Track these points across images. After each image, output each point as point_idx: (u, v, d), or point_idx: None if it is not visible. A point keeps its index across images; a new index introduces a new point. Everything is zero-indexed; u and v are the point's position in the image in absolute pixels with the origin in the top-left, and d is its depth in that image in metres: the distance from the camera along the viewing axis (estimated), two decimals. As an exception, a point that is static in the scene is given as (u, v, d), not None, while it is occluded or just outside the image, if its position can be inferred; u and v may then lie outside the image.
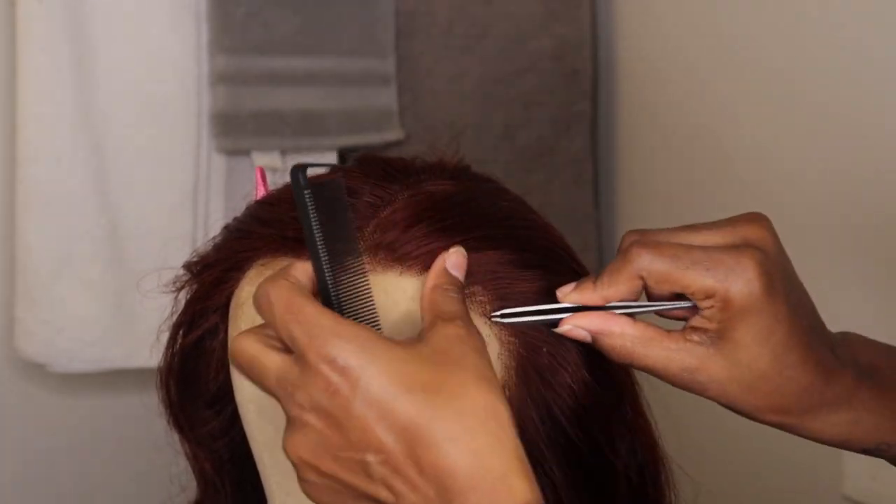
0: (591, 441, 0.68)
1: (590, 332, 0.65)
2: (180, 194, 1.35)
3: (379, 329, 0.62)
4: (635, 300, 0.66)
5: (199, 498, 0.81)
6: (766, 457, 1.29)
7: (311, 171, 0.62)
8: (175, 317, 0.74)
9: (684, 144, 1.38)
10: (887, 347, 0.71)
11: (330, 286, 0.61)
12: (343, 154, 1.39)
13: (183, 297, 0.74)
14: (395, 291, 0.65)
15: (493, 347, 0.66)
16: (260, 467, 0.71)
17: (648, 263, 0.64)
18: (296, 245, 0.67)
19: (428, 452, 0.55)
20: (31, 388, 1.38)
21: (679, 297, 0.65)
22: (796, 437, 0.69)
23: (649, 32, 1.44)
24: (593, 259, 1.49)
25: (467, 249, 0.66)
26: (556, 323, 0.66)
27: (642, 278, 0.64)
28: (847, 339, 0.70)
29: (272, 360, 0.59)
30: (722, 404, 0.66)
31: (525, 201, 0.75)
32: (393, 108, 1.39)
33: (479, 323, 0.66)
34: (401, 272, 0.66)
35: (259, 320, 0.61)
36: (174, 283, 0.74)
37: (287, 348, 0.59)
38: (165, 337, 0.75)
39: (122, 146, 1.32)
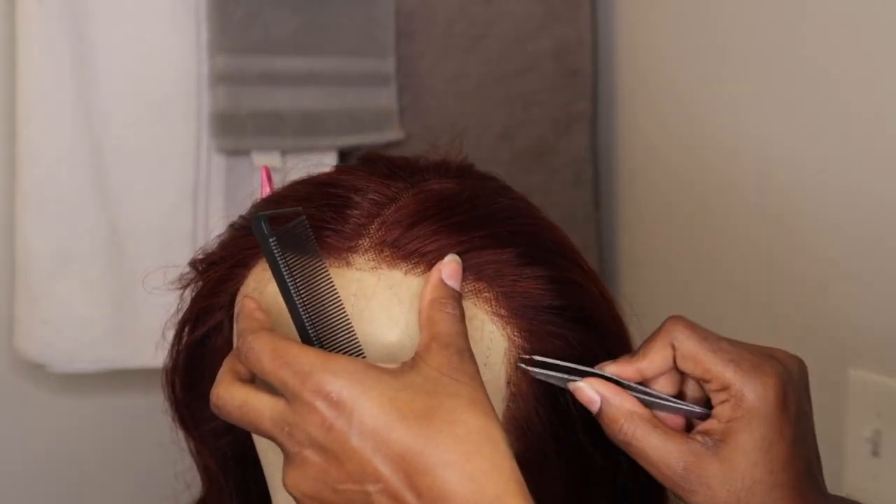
0: (597, 437, 0.68)
1: (601, 397, 0.65)
2: (180, 194, 1.34)
3: (364, 357, 0.62)
4: (665, 372, 0.67)
5: (203, 495, 0.81)
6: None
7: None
8: (181, 314, 0.74)
9: (685, 144, 1.38)
10: None
11: (309, 329, 0.62)
12: (343, 154, 1.40)
13: (189, 294, 0.74)
14: (401, 289, 0.66)
15: (501, 344, 0.67)
16: (264, 465, 0.72)
17: (681, 336, 0.66)
18: None
19: (425, 479, 0.56)
20: (31, 388, 1.38)
21: (706, 404, 0.66)
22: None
23: (649, 32, 1.44)
24: (593, 259, 1.49)
25: (472, 247, 0.67)
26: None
27: (673, 348, 0.65)
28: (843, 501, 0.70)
29: (265, 403, 0.59)
30: None
31: (529, 200, 0.76)
32: (393, 108, 1.39)
33: (485, 320, 0.66)
34: (406, 271, 0.66)
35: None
36: (180, 280, 0.74)
37: (274, 391, 0.59)
38: (171, 334, 0.75)
39: (122, 146, 1.32)
